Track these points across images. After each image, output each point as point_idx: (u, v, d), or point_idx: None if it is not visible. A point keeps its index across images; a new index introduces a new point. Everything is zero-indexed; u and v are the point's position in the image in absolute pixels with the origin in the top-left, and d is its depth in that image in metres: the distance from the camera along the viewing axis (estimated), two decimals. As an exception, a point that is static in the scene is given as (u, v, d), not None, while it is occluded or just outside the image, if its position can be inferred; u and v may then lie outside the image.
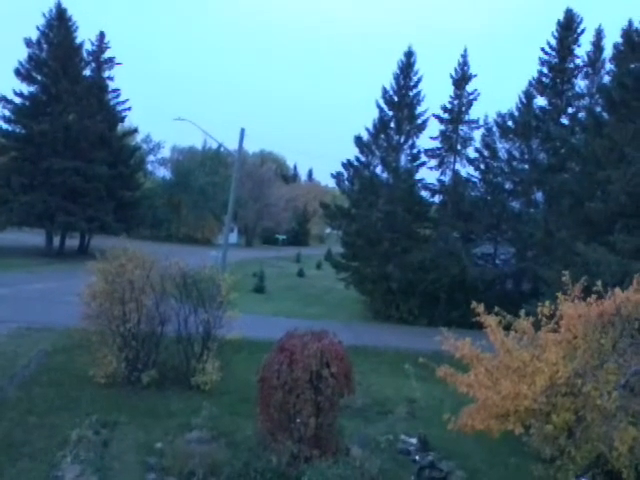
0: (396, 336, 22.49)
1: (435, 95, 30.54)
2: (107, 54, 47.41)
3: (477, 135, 30.41)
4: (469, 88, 30.33)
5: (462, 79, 30.22)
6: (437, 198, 30.90)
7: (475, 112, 31.37)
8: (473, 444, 9.84)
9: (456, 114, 30.36)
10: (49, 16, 40.59)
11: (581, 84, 29.58)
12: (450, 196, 29.58)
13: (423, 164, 30.06)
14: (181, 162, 75.80)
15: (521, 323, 9.19)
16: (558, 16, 29.19)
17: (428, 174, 30.97)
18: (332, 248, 49.21)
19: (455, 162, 30.68)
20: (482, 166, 29.71)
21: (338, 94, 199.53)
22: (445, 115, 30.53)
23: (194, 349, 12.32)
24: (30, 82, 40.55)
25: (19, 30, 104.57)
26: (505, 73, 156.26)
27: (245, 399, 10.90)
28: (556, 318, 9.05)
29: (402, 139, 29.36)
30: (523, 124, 27.79)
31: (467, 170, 30.44)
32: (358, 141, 29.45)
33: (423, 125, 29.39)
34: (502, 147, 29.12)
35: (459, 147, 30.65)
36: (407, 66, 29.03)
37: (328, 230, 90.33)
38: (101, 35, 47.19)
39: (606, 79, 27.16)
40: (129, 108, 48.97)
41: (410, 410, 11.56)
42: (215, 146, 69.77)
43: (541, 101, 29.35)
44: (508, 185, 29.34)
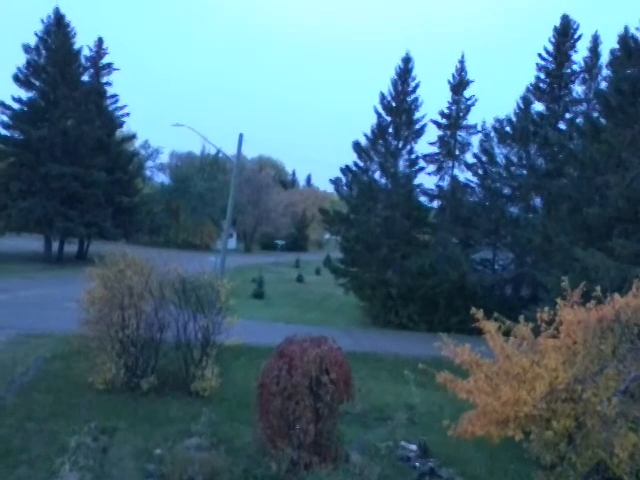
0: (395, 342, 22.48)
1: (433, 101, 30.73)
2: (105, 60, 47.79)
3: (475, 140, 30.57)
4: (467, 94, 30.55)
5: (460, 85, 30.36)
6: (436, 203, 31.07)
7: (473, 118, 31.50)
8: (473, 450, 9.83)
9: (454, 120, 30.48)
10: (47, 22, 40.72)
11: (578, 90, 29.76)
12: (449, 201, 29.64)
13: (421, 169, 30.17)
14: (180, 168, 75.88)
15: (520, 329, 9.18)
16: (555, 22, 29.37)
17: (426, 179, 30.99)
18: (331, 254, 49.24)
19: (453, 167, 30.82)
20: (480, 171, 29.78)
21: (337, 100, 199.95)
22: (443, 121, 30.65)
23: (193, 355, 12.29)
24: (29, 88, 40.63)
25: (17, 36, 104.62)
26: (503, 79, 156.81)
27: (244, 405, 10.87)
28: (555, 324, 9.04)
29: (400, 144, 29.43)
30: (521, 129, 27.86)
31: (465, 175, 30.60)
32: (356, 147, 29.52)
33: (421, 131, 29.49)
34: (500, 152, 29.22)
35: (457, 152, 30.77)
36: (405, 72, 29.14)
37: (327, 236, 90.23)
38: (99, 41, 47.45)
39: (603, 85, 27.29)
40: (127, 114, 49.26)
41: (410, 416, 11.52)
42: (214, 152, 69.89)
43: (539, 106, 29.51)
44: (506, 190, 29.39)
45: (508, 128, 28.77)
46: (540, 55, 29.44)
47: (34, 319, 18.87)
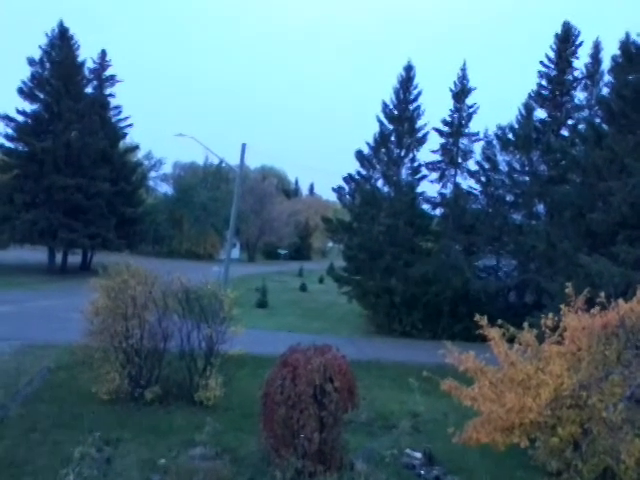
0: (399, 350, 22.43)
1: (435, 109, 30.74)
2: (108, 72, 48.06)
3: (477, 148, 30.52)
4: (469, 101, 30.52)
5: (462, 92, 30.38)
6: (438, 211, 30.98)
7: (475, 125, 31.56)
8: (478, 458, 9.77)
9: (456, 127, 30.49)
10: (51, 35, 41.03)
11: (580, 96, 29.74)
12: (451, 209, 29.60)
13: (424, 177, 30.15)
14: (183, 178, 76.05)
15: (525, 335, 9.17)
16: (556, 29, 29.44)
17: (429, 187, 31.04)
18: (334, 262, 49.16)
19: (456, 175, 30.77)
20: (483, 179, 29.76)
21: (339, 109, 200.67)
22: (445, 128, 30.66)
23: (197, 365, 12.28)
24: (33, 100, 40.92)
25: (22, 50, 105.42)
26: (505, 86, 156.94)
27: (249, 414, 10.84)
28: (560, 330, 9.03)
29: (403, 153, 29.46)
30: (523, 136, 27.85)
31: (468, 183, 30.54)
32: (359, 155, 29.57)
33: (423, 138, 29.53)
34: (503, 159, 29.17)
35: (460, 160, 30.74)
36: (407, 80, 29.23)
37: (330, 244, 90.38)
38: (102, 53, 47.82)
39: (605, 91, 27.28)
40: (131, 125, 49.43)
41: (414, 424, 11.49)
42: (217, 162, 70.11)
43: (541, 113, 29.49)
44: (509, 197, 29.34)
45: (510, 135, 28.76)
46: (542, 62, 29.48)
47: (38, 330, 18.90)
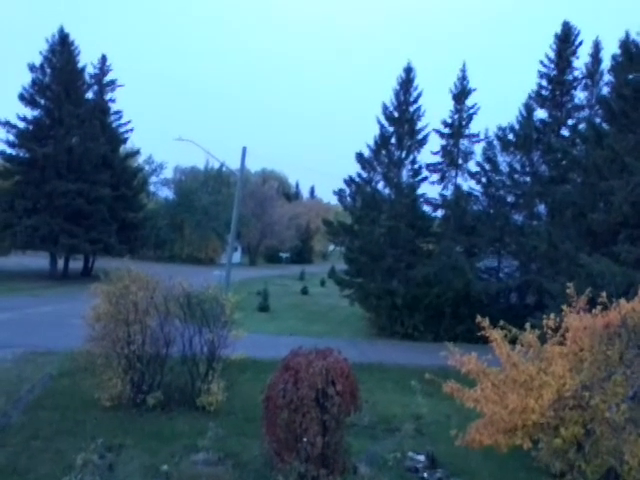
0: (401, 352, 22.39)
1: (435, 110, 30.72)
2: (109, 77, 48.11)
3: (478, 149, 30.49)
4: (469, 102, 30.48)
5: (462, 93, 30.37)
6: (439, 213, 30.91)
7: (475, 126, 31.52)
8: (481, 460, 9.74)
9: (457, 128, 30.46)
10: (52, 41, 41.12)
11: (580, 96, 29.66)
12: (452, 210, 29.56)
13: (425, 179, 30.11)
14: (184, 182, 76.11)
15: (527, 336, 9.16)
16: (556, 29, 29.42)
17: (430, 189, 31.03)
18: (335, 265, 49.15)
19: (457, 176, 30.72)
20: (484, 180, 29.71)
21: (339, 111, 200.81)
22: (446, 130, 30.64)
23: (199, 370, 12.26)
24: (34, 106, 40.99)
25: (23, 56, 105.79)
26: (505, 86, 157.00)
27: (251, 419, 10.83)
28: (562, 331, 9.01)
29: (403, 154, 29.45)
30: (524, 137, 27.83)
31: (469, 184, 30.47)
32: (359, 157, 29.56)
33: (424, 140, 29.51)
34: (503, 160, 29.12)
35: (460, 161, 30.71)
36: (407, 82, 29.23)
37: (331, 247, 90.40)
38: (103, 58, 47.84)
39: (605, 90, 27.24)
40: (131, 130, 49.43)
41: (417, 427, 11.45)
42: (217, 166, 70.21)
43: (541, 113, 29.42)
44: (510, 198, 29.30)
45: (511, 136, 28.74)
46: (541, 62, 29.44)
47: (40, 337, 18.90)
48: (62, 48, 41.17)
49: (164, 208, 71.42)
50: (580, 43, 29.18)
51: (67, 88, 40.44)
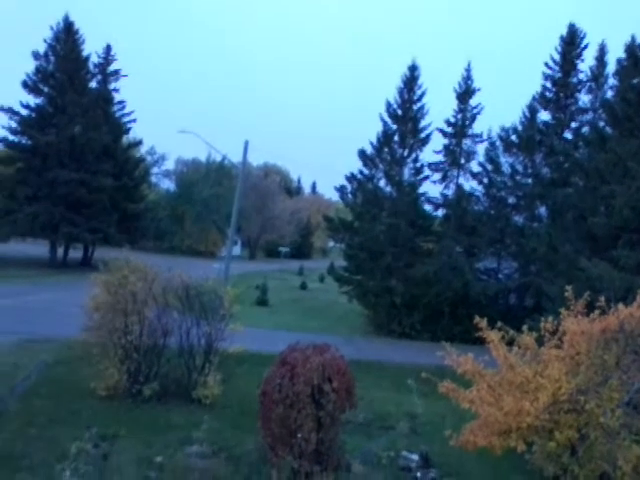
0: (398, 351, 22.42)
1: (439, 109, 30.72)
2: (113, 66, 47.99)
3: (481, 149, 30.48)
4: (473, 102, 30.46)
5: (466, 93, 30.32)
6: (440, 212, 30.97)
7: (479, 126, 31.47)
8: (475, 461, 9.74)
9: (460, 128, 30.43)
10: (56, 29, 41.11)
11: (584, 99, 29.65)
12: (453, 210, 29.56)
13: (426, 178, 30.12)
14: (185, 174, 76.10)
15: (524, 338, 9.14)
16: (561, 31, 29.35)
17: (431, 188, 30.85)
18: (335, 261, 49.18)
19: (458, 176, 30.71)
20: (485, 180, 29.71)
21: (343, 108, 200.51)
22: (449, 129, 30.61)
23: (196, 362, 12.27)
24: (37, 94, 40.95)
25: (27, 43, 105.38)
26: (509, 87, 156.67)
27: (246, 413, 10.83)
28: (559, 334, 8.99)
29: (406, 153, 29.44)
30: (527, 138, 27.81)
31: (470, 184, 30.49)
32: (362, 154, 29.53)
33: (427, 139, 29.49)
34: (505, 161, 29.15)
35: (462, 161, 30.69)
36: (411, 80, 29.18)
37: (331, 243, 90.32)
38: (107, 48, 47.73)
39: (609, 94, 27.22)
40: (134, 120, 49.27)
41: (412, 426, 11.47)
42: (219, 158, 70.11)
43: (545, 115, 29.43)
44: (511, 199, 29.30)
45: (514, 137, 28.73)
46: (546, 64, 29.40)
47: (37, 324, 18.88)
48: (67, 36, 41.07)
49: (165, 199, 71.40)
50: (586, 46, 29.14)
51: (71, 76, 40.38)
